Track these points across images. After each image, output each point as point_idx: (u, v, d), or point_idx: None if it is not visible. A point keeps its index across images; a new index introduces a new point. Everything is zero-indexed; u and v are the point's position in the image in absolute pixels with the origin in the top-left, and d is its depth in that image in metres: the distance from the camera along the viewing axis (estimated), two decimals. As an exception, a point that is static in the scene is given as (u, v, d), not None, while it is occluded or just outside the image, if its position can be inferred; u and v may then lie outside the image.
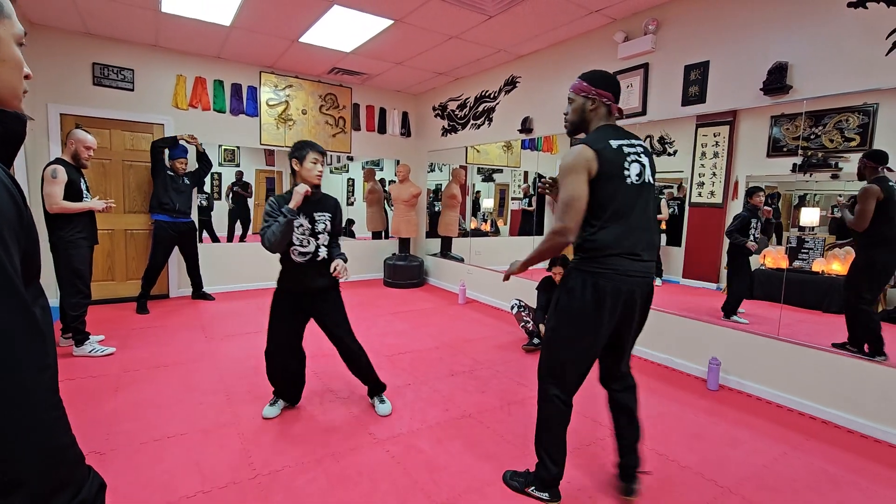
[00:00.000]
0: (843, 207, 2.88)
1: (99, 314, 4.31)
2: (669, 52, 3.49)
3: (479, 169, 6.07)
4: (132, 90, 4.82)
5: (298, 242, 2.34)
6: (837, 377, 2.64)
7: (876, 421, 2.50)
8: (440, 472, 2.09)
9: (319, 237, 2.39)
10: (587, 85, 1.78)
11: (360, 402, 2.74)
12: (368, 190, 6.83)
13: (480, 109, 5.52)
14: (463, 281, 5.68)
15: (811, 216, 3.14)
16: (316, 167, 2.34)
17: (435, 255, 6.59)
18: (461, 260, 6.09)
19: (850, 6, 2.59)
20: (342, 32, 4.33)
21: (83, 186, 3.27)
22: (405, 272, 6.23)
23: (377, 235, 6.94)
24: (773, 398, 2.90)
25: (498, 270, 5.29)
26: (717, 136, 3.37)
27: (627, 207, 1.69)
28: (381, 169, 6.95)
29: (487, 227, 6.27)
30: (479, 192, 6.27)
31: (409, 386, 3.01)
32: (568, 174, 1.68)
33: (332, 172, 6.81)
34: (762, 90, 2.93)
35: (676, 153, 3.69)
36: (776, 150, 3.07)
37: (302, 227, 2.34)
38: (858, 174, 2.69)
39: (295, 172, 2.36)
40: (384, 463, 2.14)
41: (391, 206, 6.55)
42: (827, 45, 2.69)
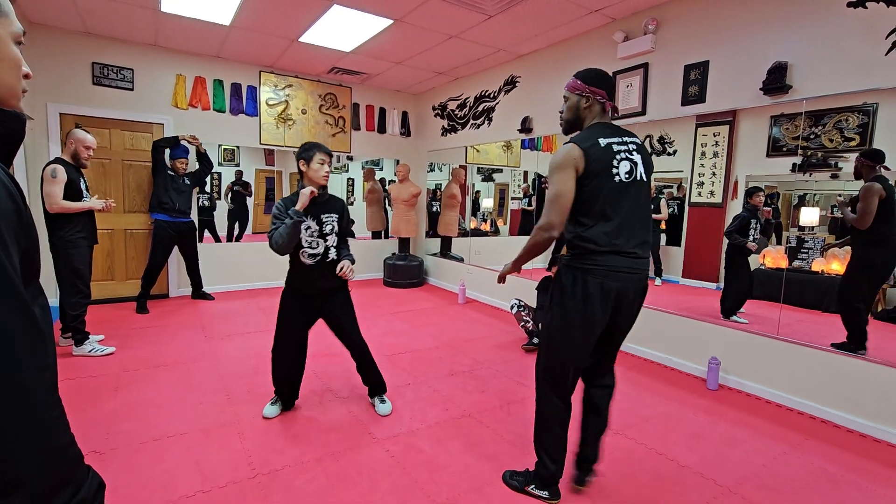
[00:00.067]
0: (843, 206, 2.88)
1: (99, 314, 4.31)
2: (669, 51, 3.49)
3: (478, 169, 6.06)
4: (132, 90, 4.82)
5: (307, 244, 2.35)
6: (837, 377, 2.65)
7: (875, 420, 2.51)
8: (440, 471, 2.09)
9: (328, 238, 2.39)
10: (581, 83, 1.79)
11: (359, 401, 2.74)
12: (368, 190, 6.83)
13: (480, 109, 5.52)
14: (463, 281, 5.69)
15: (811, 216, 3.14)
16: (323, 168, 2.34)
17: (435, 254, 6.59)
18: (461, 260, 6.09)
19: (849, 6, 2.59)
20: (342, 32, 4.33)
21: (83, 186, 3.27)
22: (405, 272, 6.23)
23: (377, 235, 6.94)
24: (772, 398, 2.90)
25: (497, 270, 5.28)
26: (716, 135, 3.37)
27: (617, 205, 1.69)
28: (380, 168, 6.95)
29: (487, 226, 6.27)
30: (478, 191, 6.27)
31: (408, 386, 3.01)
32: (555, 171, 1.70)
33: (332, 172, 6.80)
34: (762, 90, 2.93)
35: (676, 153, 3.69)
36: (776, 149, 3.07)
37: (310, 228, 2.35)
38: (855, 173, 2.70)
39: (302, 174, 2.36)
40: (384, 462, 2.14)
41: (391, 205, 6.55)
42: (827, 44, 2.69)
